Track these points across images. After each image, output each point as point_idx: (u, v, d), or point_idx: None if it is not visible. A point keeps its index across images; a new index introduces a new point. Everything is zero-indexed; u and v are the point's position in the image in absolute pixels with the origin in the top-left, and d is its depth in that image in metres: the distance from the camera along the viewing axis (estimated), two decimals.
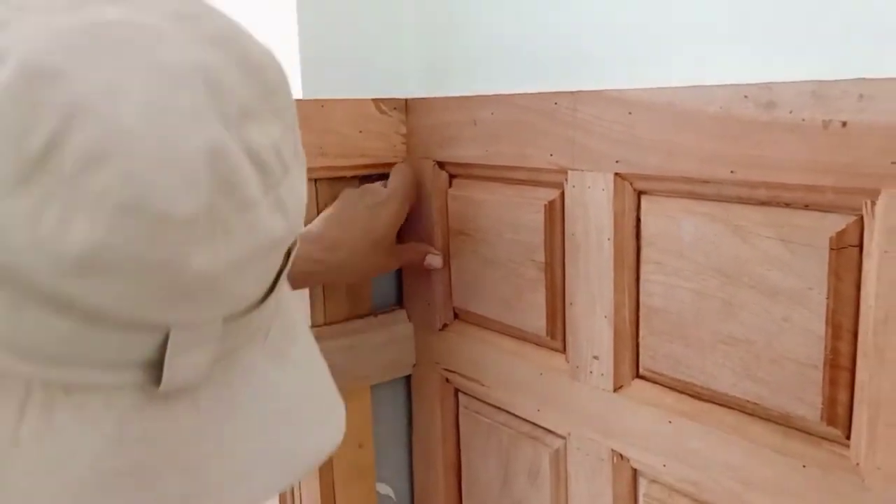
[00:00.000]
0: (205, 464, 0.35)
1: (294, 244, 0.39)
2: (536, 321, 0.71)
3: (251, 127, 0.33)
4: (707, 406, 0.58)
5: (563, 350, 0.70)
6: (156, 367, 0.33)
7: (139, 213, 0.28)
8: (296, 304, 0.43)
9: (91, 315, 0.30)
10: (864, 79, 0.45)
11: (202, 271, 0.30)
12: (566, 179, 0.66)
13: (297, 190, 0.36)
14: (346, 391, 0.85)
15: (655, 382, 0.62)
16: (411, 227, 0.83)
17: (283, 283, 0.39)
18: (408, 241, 0.83)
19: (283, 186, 0.34)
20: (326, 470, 0.83)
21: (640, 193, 0.61)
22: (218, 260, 0.31)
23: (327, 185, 0.80)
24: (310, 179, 0.78)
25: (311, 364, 0.44)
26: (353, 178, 0.81)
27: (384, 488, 0.91)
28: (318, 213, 0.79)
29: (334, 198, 0.79)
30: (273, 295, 0.37)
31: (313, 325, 0.80)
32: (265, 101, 0.34)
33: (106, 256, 0.28)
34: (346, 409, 0.84)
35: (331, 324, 0.82)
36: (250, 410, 0.37)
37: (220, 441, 0.36)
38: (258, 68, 0.34)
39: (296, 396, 0.41)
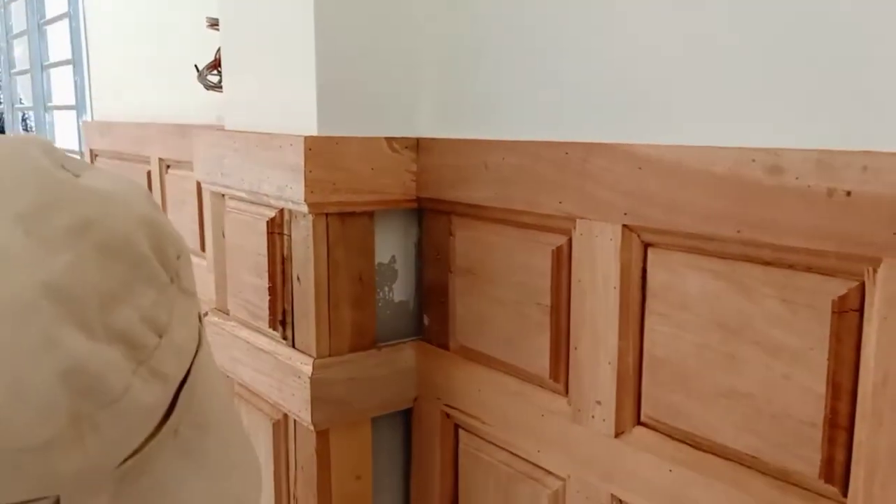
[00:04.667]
0: None
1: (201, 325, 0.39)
2: (540, 363, 0.73)
3: (118, 309, 0.32)
4: (707, 457, 0.59)
5: (566, 393, 0.71)
6: None
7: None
8: (210, 384, 0.41)
9: None
10: (868, 151, 0.47)
11: (76, 469, 0.31)
12: (574, 227, 0.67)
13: (178, 341, 0.35)
14: (347, 423, 0.87)
15: (656, 430, 0.63)
16: (421, 265, 0.85)
17: (187, 387, 0.38)
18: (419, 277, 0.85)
19: (159, 352, 0.34)
20: (325, 501, 0.84)
21: (646, 245, 0.63)
22: (88, 455, 0.32)
23: (338, 219, 0.81)
24: (321, 214, 0.80)
25: (226, 447, 0.43)
26: (363, 213, 0.83)
27: None
28: (328, 246, 0.81)
29: (345, 232, 0.81)
30: (172, 417, 0.36)
31: (318, 357, 0.81)
32: (134, 276, 0.33)
33: None
34: (346, 440, 0.86)
35: (334, 355, 0.83)
36: None
37: None
38: (123, 246, 0.33)
39: (209, 488, 0.40)
